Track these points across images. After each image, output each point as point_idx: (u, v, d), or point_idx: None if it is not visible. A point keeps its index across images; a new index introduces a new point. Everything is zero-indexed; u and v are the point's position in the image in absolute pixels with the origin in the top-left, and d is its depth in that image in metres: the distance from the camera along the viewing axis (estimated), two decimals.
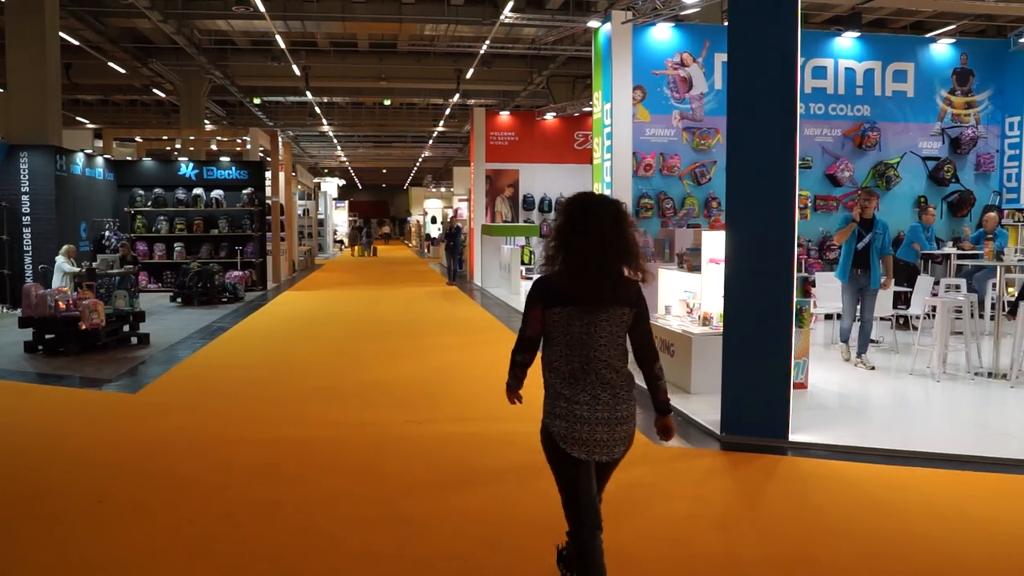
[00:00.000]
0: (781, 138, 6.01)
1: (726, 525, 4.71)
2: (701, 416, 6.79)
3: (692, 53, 13.21)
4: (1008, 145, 14.19)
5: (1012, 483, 5.44)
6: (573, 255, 3.28)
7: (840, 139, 13.68)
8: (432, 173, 56.85)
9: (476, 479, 5.48)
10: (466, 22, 20.30)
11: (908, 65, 13.96)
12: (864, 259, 9.03)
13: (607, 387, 3.33)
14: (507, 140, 21.74)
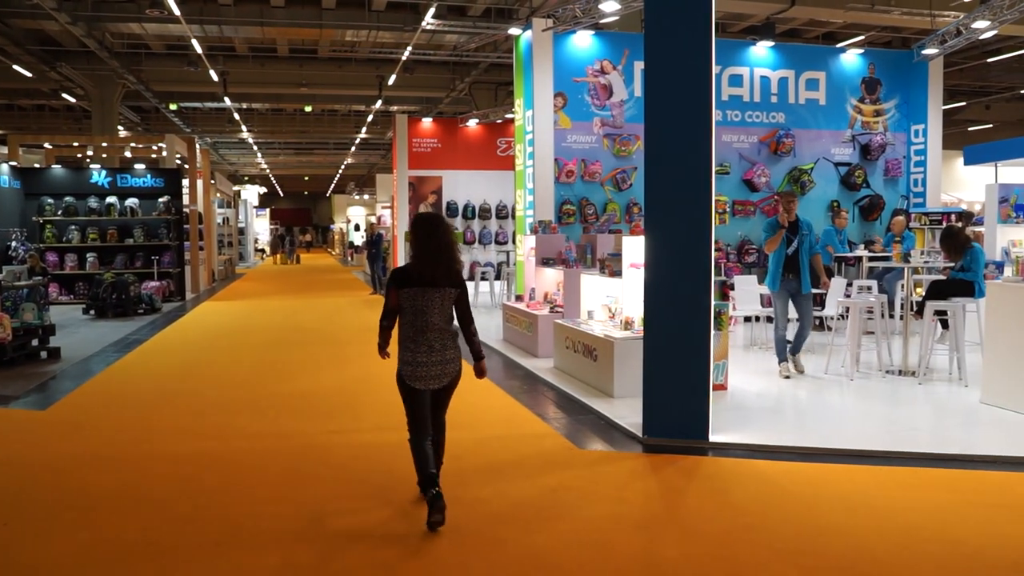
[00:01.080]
0: (697, 144, 6.10)
1: (647, 526, 4.75)
2: (624, 420, 6.85)
3: (612, 61, 13.38)
4: (914, 151, 14.76)
5: (921, 475, 5.63)
6: (418, 253, 4.85)
7: (756, 145, 14.02)
8: (355, 180, 56.32)
9: (399, 488, 5.41)
10: (388, 28, 20.18)
11: (820, 74, 14.40)
12: (795, 264, 8.76)
13: (437, 341, 4.86)
14: (430, 147, 21.67)
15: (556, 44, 13.10)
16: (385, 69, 24.38)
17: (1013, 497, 5.17)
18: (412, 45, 20.75)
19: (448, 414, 5.28)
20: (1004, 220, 11.33)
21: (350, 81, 26.22)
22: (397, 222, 21.84)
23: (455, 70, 25.34)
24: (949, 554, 4.27)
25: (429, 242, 4.84)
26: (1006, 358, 7.21)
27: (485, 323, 13.82)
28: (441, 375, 4.90)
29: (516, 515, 4.90)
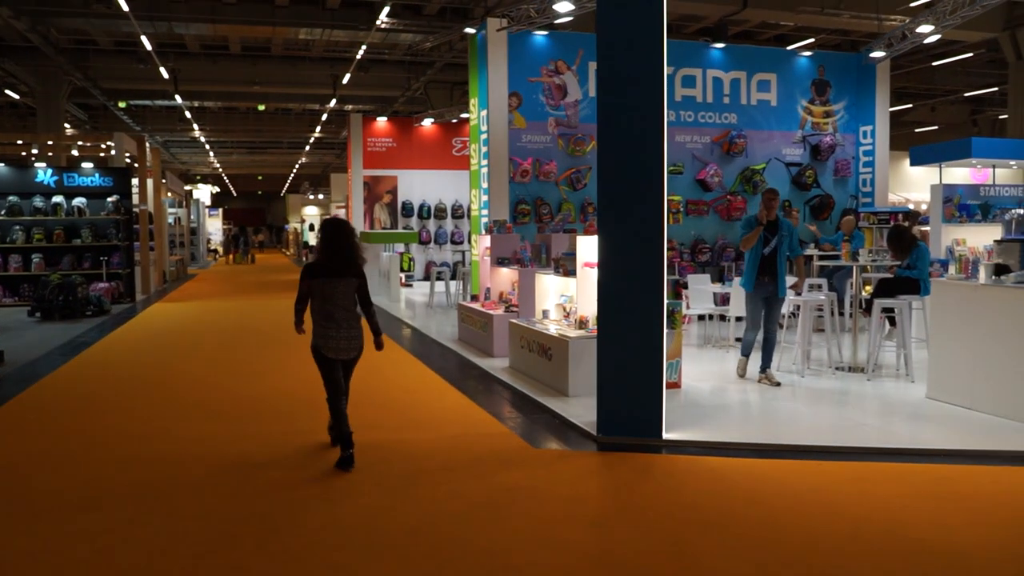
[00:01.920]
0: (649, 144, 6.14)
1: (602, 523, 4.77)
2: (578, 418, 6.88)
3: (566, 61, 13.43)
4: (863, 152, 15.04)
5: (870, 469, 5.73)
6: (324, 251, 5.97)
7: (709, 145, 14.18)
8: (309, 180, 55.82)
9: (353, 489, 5.38)
10: (342, 27, 20.03)
11: (771, 75, 14.61)
12: (772, 265, 8.24)
13: (344, 321, 5.94)
14: (385, 146, 21.59)
15: (511, 44, 13.12)
16: (339, 68, 24.20)
17: (957, 488, 5.29)
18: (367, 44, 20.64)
19: (403, 415, 6.52)
20: (948, 219, 11.60)
21: (304, 80, 25.99)
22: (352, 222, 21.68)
23: (410, 69, 25.24)
24: (896, 545, 4.35)
25: (333, 242, 5.96)
26: (950, 354, 7.37)
27: (440, 323, 13.78)
28: (348, 348, 6.00)
29: (471, 514, 4.89)
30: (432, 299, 17.10)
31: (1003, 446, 6.13)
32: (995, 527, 4.61)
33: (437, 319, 14.55)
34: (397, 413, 7.57)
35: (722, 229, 14.22)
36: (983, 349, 7.05)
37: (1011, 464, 5.81)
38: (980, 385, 7.07)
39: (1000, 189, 12.41)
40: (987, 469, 5.72)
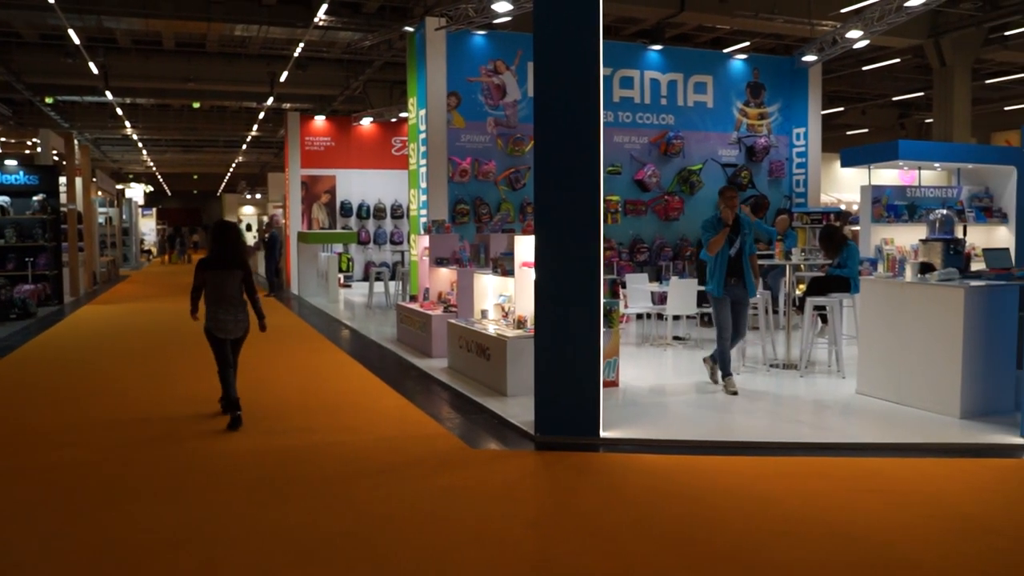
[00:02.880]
0: (585, 144, 6.16)
1: (539, 523, 4.78)
2: (516, 418, 6.88)
3: (505, 61, 13.43)
4: (796, 153, 15.35)
5: (802, 464, 5.86)
6: (215, 247, 7.12)
7: (647, 146, 14.32)
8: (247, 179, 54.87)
9: (285, 494, 5.29)
10: (279, 24, 19.71)
11: (707, 78, 14.81)
12: (738, 266, 7.88)
13: (232, 306, 7.06)
14: (323, 145, 21.34)
15: (450, 43, 13.06)
16: (277, 66, 23.81)
17: (884, 481, 5.42)
18: (304, 42, 20.37)
19: (338, 417, 7.13)
20: (877, 219, 11.88)
21: (240, 77, 25.49)
22: (290, 222, 21.39)
23: (349, 68, 24.98)
24: (825, 538, 4.43)
25: (222, 241, 7.13)
26: (878, 350, 7.57)
27: (380, 324, 13.67)
28: (235, 329, 7.12)
29: (408, 517, 4.85)
30: (371, 300, 16.96)
31: (928, 439, 6.31)
32: (920, 517, 4.74)
33: (376, 320, 14.44)
34: (333, 416, 7.48)
35: (660, 229, 14.37)
36: (909, 345, 7.24)
37: (935, 456, 5.99)
38: (906, 380, 7.27)
39: (925, 190, 12.76)
40: (913, 461, 5.88)
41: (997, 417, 6.80)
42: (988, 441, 6.25)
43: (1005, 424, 6.59)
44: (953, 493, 5.20)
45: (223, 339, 7.06)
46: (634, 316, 12.07)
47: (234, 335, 7.12)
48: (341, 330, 13.47)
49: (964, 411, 6.81)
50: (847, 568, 4.08)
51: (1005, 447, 6.13)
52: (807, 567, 4.11)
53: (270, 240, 20.76)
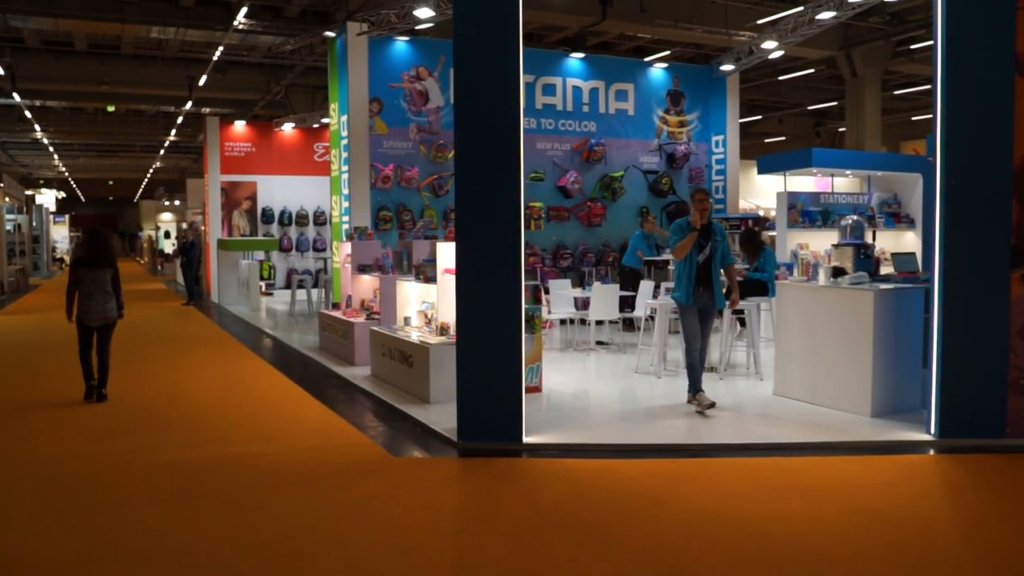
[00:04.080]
0: (506, 151, 6.17)
1: (461, 530, 4.75)
2: (439, 425, 6.84)
3: (428, 67, 13.40)
4: (715, 160, 15.67)
5: (721, 465, 5.96)
6: (88, 249, 8.35)
7: (570, 153, 14.44)
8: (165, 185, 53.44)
9: (201, 507, 5.15)
10: (197, 26, 19.23)
11: (629, 86, 15.03)
12: (707, 274, 7.45)
13: (100, 298, 8.24)
14: (244, 151, 20.93)
15: (372, 49, 12.97)
16: (195, 69, 23.24)
17: (799, 479, 5.55)
18: (224, 45, 19.93)
19: (258, 428, 7.10)
20: (793, 224, 12.22)
21: (157, 80, 24.79)
22: (209, 229, 20.92)
23: (270, 72, 24.53)
24: (743, 537, 4.51)
25: (94, 243, 8.40)
26: (793, 353, 7.76)
27: (302, 332, 13.46)
28: (103, 318, 8.32)
29: (328, 527, 4.77)
30: (293, 307, 16.68)
31: (841, 437, 6.49)
32: (833, 513, 4.87)
33: (298, 328, 14.20)
34: (252, 426, 7.32)
35: (583, 235, 14.50)
36: (823, 347, 7.45)
37: (847, 454, 6.16)
38: (821, 381, 7.47)
39: (838, 197, 13.18)
40: (827, 459, 6.04)
41: (905, 415, 7.03)
42: (897, 438, 6.46)
43: (913, 421, 6.82)
44: (864, 489, 5.35)
45: (89, 326, 8.31)
46: (557, 322, 12.14)
47: (100, 322, 8.31)
48: (262, 339, 13.21)
49: (875, 410, 7.03)
50: (764, 565, 4.16)
51: (912, 443, 6.35)
52: (726, 566, 4.18)
53: (188, 247, 20.23)
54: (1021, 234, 6.29)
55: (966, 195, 6.28)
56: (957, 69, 6.26)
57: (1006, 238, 6.28)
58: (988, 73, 6.28)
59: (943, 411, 6.36)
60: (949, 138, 6.28)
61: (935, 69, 6.36)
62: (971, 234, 6.30)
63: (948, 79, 6.28)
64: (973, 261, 6.30)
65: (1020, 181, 6.27)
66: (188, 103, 25.89)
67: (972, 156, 6.28)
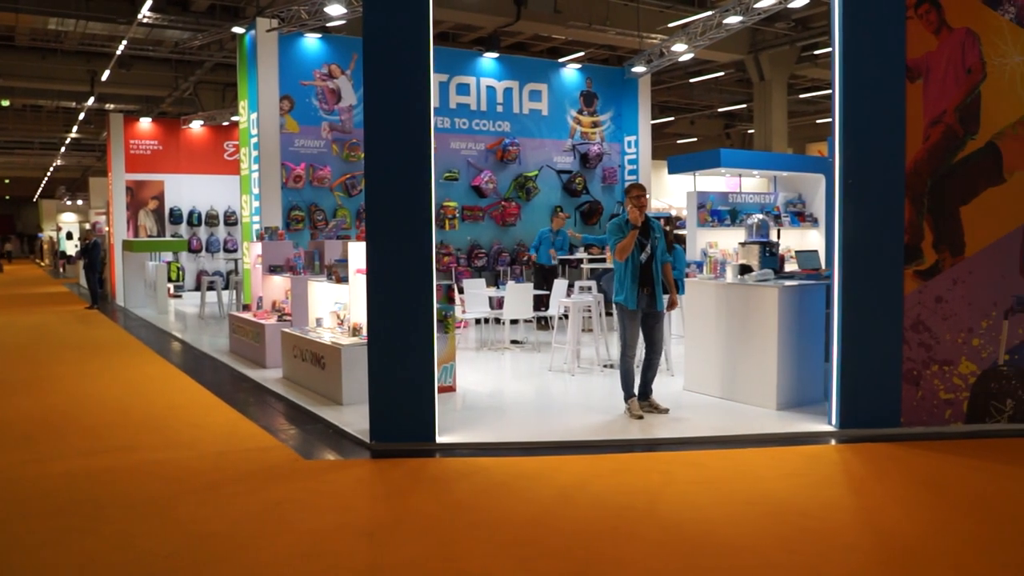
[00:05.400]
0: (417, 150, 6.15)
1: (373, 532, 4.70)
2: (352, 427, 6.77)
3: (340, 65, 13.25)
4: (628, 160, 15.91)
5: (632, 460, 6.08)
6: None
7: (484, 153, 14.47)
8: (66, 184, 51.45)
9: (106, 517, 4.98)
10: (99, 19, 18.56)
11: (542, 86, 15.13)
12: (649, 274, 7.12)
13: None
14: (150, 149, 20.34)
15: (282, 46, 12.75)
16: (98, 63, 22.43)
17: (709, 473, 5.68)
18: (128, 39, 19.29)
19: (165, 434, 6.44)
20: (702, 224, 12.50)
21: (57, 75, 23.84)
22: (114, 230, 20.24)
23: (178, 68, 23.86)
24: (653, 531, 4.59)
25: None
26: (703, 349, 7.93)
27: (213, 335, 13.14)
28: None
29: (235, 533, 4.67)
30: (203, 310, 16.27)
31: (748, 430, 6.66)
32: (740, 504, 4.99)
33: (209, 331, 13.86)
34: (158, 432, 7.11)
35: (497, 234, 14.55)
36: (730, 343, 7.63)
37: (754, 446, 6.33)
38: (728, 376, 7.66)
39: (746, 196, 13.54)
40: (734, 452, 6.19)
41: (809, 407, 7.28)
42: (800, 430, 6.67)
43: (816, 413, 7.06)
44: (769, 479, 5.51)
45: None
46: (473, 321, 12.15)
47: None
48: (170, 342, 12.85)
49: (780, 403, 7.25)
50: (673, 557, 4.24)
51: (815, 434, 6.57)
52: (637, 559, 4.24)
53: (92, 249, 19.53)
54: (913, 232, 6.57)
55: (862, 195, 6.53)
56: (852, 74, 6.51)
57: (899, 236, 6.55)
58: (881, 79, 6.54)
59: (843, 403, 6.59)
60: (846, 140, 6.52)
61: (833, 74, 6.60)
62: (867, 233, 6.55)
63: (845, 84, 6.52)
64: (869, 258, 6.55)
65: (912, 182, 6.55)
66: (90, 99, 24.98)
67: (867, 158, 6.54)
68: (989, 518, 4.79)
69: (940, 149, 6.59)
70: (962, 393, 6.65)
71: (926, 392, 6.62)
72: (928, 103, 6.57)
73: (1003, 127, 6.61)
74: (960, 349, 6.62)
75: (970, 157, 6.60)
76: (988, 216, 6.62)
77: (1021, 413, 6.68)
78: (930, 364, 6.61)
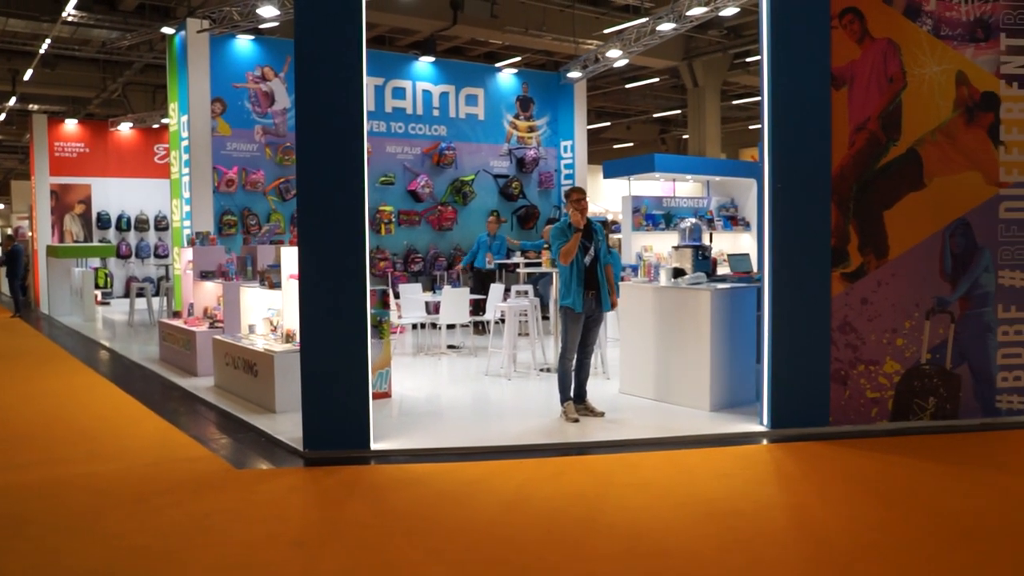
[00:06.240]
0: (349, 152, 6.08)
1: (305, 542, 4.63)
2: (285, 435, 6.67)
3: (274, 67, 13.08)
4: (564, 165, 16.00)
5: (568, 463, 6.09)
6: None
7: (420, 157, 14.41)
8: None
9: (26, 534, 4.80)
10: (20, 16, 17.95)
11: (479, 90, 15.14)
12: (594, 277, 7.13)
13: None
14: (76, 152, 19.79)
15: (214, 47, 12.52)
16: (19, 62, 21.68)
17: (642, 474, 5.73)
18: (52, 37, 18.73)
19: (91, 446, 6.27)
20: (637, 228, 12.63)
21: None
22: (37, 235, 19.61)
23: (106, 68, 23.21)
24: (588, 534, 4.61)
25: None
26: (637, 352, 8.01)
27: (143, 343, 12.82)
28: None
29: (162, 547, 4.55)
30: (133, 317, 15.86)
31: (681, 432, 6.74)
32: (672, 506, 5.05)
33: (138, 339, 13.52)
34: (84, 444, 6.90)
35: (434, 239, 14.50)
36: (665, 345, 7.72)
37: (687, 447, 6.40)
38: (663, 378, 7.75)
39: (680, 200, 13.73)
40: (668, 454, 6.25)
41: (741, 408, 7.40)
42: (733, 430, 6.77)
43: (748, 414, 7.18)
44: (701, 480, 5.58)
45: None
46: (409, 326, 12.08)
47: None
48: (98, 351, 12.50)
49: (713, 404, 7.35)
50: (607, 562, 4.26)
51: (747, 435, 6.68)
52: (571, 563, 4.25)
53: (13, 255, 18.87)
54: (839, 236, 6.73)
55: (790, 200, 6.66)
56: (780, 82, 6.64)
57: (826, 240, 6.70)
58: (807, 86, 6.69)
59: (774, 403, 6.72)
60: (775, 146, 6.65)
61: (761, 81, 6.73)
62: (795, 236, 6.69)
63: (773, 91, 6.65)
64: (798, 261, 6.70)
65: (838, 187, 6.72)
66: (12, 99, 24.16)
67: (795, 163, 6.68)
68: (913, 513, 4.92)
69: (864, 155, 6.77)
70: (887, 392, 6.83)
71: (853, 391, 6.78)
72: (853, 110, 6.74)
73: (923, 134, 6.82)
74: (885, 349, 6.81)
75: (893, 163, 6.80)
76: (910, 220, 6.82)
77: (943, 410, 6.90)
78: (857, 364, 6.77)
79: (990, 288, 6.94)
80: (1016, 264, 6.97)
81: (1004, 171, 6.94)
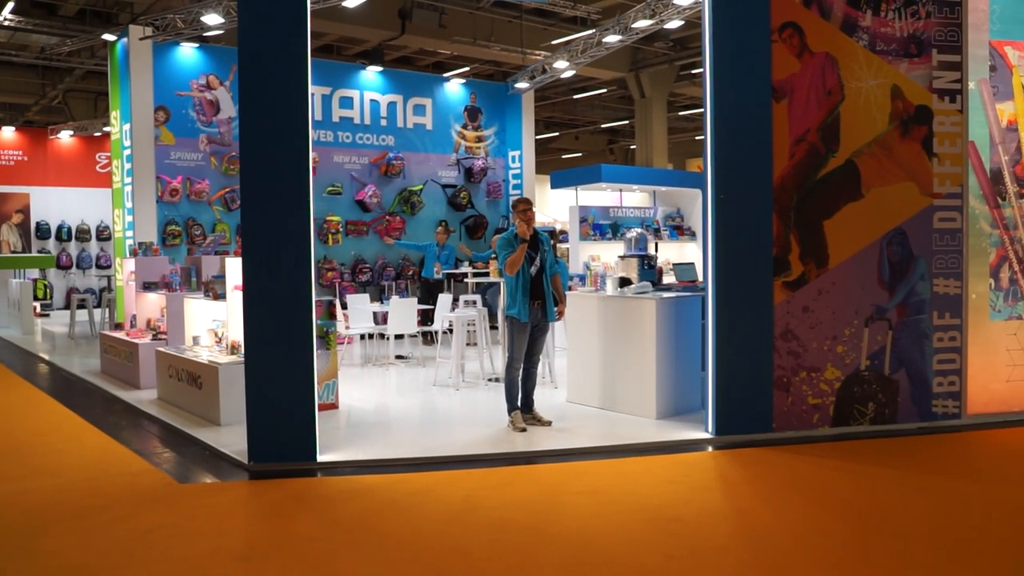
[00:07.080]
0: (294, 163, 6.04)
1: (249, 556, 4.57)
2: (230, 448, 6.57)
3: (219, 76, 12.93)
4: (512, 175, 16.07)
5: (515, 473, 6.12)
6: None
7: (368, 167, 14.36)
8: None
9: None
10: None
11: (427, 100, 15.15)
12: (540, 287, 7.18)
13: None
14: (14, 159, 19.35)
15: (157, 55, 12.34)
16: None
17: (588, 482, 5.77)
18: None
19: (28, 462, 6.20)
20: (584, 237, 12.74)
21: None
22: None
23: (45, 75, 22.73)
24: (533, 543, 4.63)
25: None
26: (584, 361, 8.06)
27: (84, 356, 12.54)
28: None
29: (104, 564, 4.45)
30: (73, 329, 15.50)
31: (628, 440, 6.80)
32: (617, 514, 5.09)
33: (79, 351, 13.22)
34: (21, 460, 6.72)
35: (382, 249, 14.44)
36: (611, 354, 7.79)
37: (633, 455, 6.47)
38: (610, 386, 7.81)
39: (627, 210, 13.88)
40: (614, 462, 6.31)
41: (687, 415, 7.49)
42: (678, 438, 6.86)
43: (693, 421, 7.28)
44: (646, 487, 5.64)
45: None
46: (357, 337, 12.00)
47: None
48: (36, 364, 12.19)
49: (659, 412, 7.43)
50: (552, 568, 4.29)
51: (692, 442, 6.77)
52: (516, 572, 4.27)
53: None
54: (781, 245, 6.87)
55: (733, 210, 6.79)
56: (722, 94, 6.77)
57: (768, 249, 6.84)
58: (749, 98, 6.83)
59: (718, 410, 6.82)
60: (718, 157, 6.77)
61: (704, 93, 6.86)
62: (739, 246, 6.81)
63: (716, 103, 6.78)
64: (741, 270, 6.82)
65: (779, 197, 6.86)
66: None
67: (737, 174, 6.81)
68: (854, 517, 5.03)
69: (804, 166, 6.92)
70: (828, 398, 6.98)
71: (795, 398, 6.92)
72: (793, 122, 6.90)
73: (860, 146, 7.01)
74: (826, 356, 6.96)
75: (832, 174, 6.97)
76: (849, 229, 6.99)
77: (882, 415, 7.07)
78: (799, 371, 6.91)
79: (926, 296, 7.15)
80: (950, 272, 7.19)
81: (937, 182, 7.16)
